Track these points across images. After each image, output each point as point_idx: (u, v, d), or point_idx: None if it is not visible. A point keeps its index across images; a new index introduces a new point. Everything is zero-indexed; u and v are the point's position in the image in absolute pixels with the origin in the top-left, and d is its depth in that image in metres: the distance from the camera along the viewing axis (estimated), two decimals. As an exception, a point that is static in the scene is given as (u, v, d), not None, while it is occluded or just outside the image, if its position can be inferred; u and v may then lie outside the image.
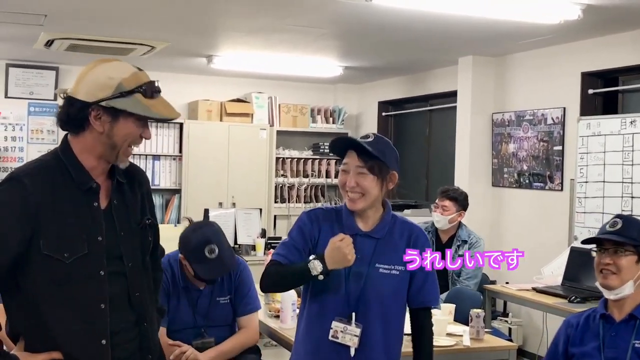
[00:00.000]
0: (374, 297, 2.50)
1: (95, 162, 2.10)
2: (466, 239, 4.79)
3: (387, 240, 2.55)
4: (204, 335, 3.45)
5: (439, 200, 4.85)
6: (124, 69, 2.08)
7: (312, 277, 2.41)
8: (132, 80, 2.05)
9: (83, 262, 2.04)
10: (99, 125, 2.05)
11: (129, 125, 2.07)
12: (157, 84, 2.12)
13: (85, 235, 2.05)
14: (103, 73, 2.05)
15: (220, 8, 4.79)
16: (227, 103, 7.91)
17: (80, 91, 2.05)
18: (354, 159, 2.49)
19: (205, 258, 3.29)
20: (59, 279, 2.02)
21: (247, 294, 3.56)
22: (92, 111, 2.04)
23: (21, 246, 1.99)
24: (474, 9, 4.47)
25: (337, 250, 2.41)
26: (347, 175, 2.50)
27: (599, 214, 5.13)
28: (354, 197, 2.50)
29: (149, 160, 7.63)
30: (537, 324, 5.78)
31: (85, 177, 2.08)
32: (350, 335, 2.48)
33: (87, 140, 2.08)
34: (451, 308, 3.91)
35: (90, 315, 2.05)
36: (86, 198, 2.08)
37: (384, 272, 2.52)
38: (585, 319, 2.75)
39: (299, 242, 2.55)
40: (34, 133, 7.43)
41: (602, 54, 5.44)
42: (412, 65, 7.15)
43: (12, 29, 5.61)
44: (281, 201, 8.12)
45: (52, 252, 2.01)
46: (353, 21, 5.08)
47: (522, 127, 6.16)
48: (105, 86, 2.03)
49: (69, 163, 2.08)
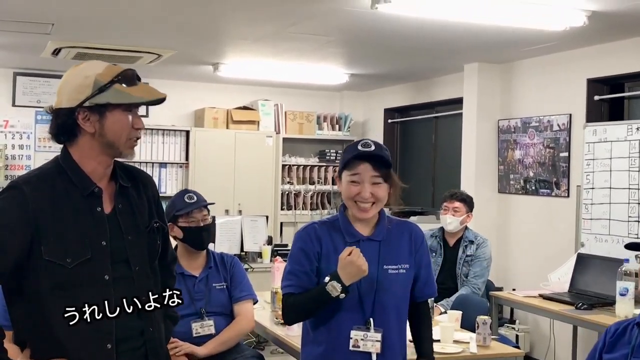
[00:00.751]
0: (389, 299, 2.53)
1: (95, 165, 2.11)
2: (473, 240, 4.93)
3: (389, 241, 2.58)
4: (204, 317, 3.54)
5: (449, 203, 4.98)
6: (97, 65, 2.10)
7: (334, 298, 2.43)
8: (107, 73, 2.07)
9: (86, 266, 2.04)
10: (89, 126, 2.07)
11: (117, 118, 2.08)
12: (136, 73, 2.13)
13: (88, 239, 2.06)
14: (78, 75, 2.08)
15: (226, 16, 4.81)
16: (234, 110, 7.93)
17: (63, 100, 2.08)
18: (368, 170, 2.49)
19: (186, 204, 3.56)
20: (63, 284, 2.03)
21: (242, 282, 3.72)
22: (79, 115, 2.06)
23: (20, 253, 2.01)
24: (479, 16, 4.48)
25: (350, 265, 2.43)
26: (359, 185, 2.49)
27: (605, 220, 5.12)
28: (366, 207, 2.51)
29: (155, 168, 7.66)
30: (544, 331, 5.77)
31: (86, 181, 2.09)
32: (371, 341, 2.48)
33: (83, 145, 2.10)
34: (458, 315, 3.91)
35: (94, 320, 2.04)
36: (88, 203, 2.09)
37: (393, 272, 2.55)
38: (624, 327, 2.74)
39: (305, 265, 2.54)
40: (41, 141, 7.47)
41: (608, 60, 5.44)
42: (418, 72, 7.16)
43: (20, 37, 5.64)
44: (287, 208, 8.12)
45: (54, 257, 2.02)
46: (359, 28, 5.10)
47: (528, 134, 6.16)
48: (83, 86, 2.05)
49: (69, 169, 2.09)
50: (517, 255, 6.30)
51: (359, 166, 2.50)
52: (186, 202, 3.58)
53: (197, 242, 3.61)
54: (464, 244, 4.92)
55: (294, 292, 2.54)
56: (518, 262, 6.27)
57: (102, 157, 2.11)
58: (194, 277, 3.61)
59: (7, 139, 7.41)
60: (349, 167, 2.52)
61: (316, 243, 2.56)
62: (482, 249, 4.89)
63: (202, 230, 3.60)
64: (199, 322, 3.53)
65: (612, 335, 2.72)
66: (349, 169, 2.52)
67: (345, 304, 2.49)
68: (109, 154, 2.12)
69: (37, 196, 2.03)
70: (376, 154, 2.49)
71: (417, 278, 2.62)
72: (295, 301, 2.54)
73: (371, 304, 2.51)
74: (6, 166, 7.29)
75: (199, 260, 3.68)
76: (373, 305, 2.51)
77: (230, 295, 3.68)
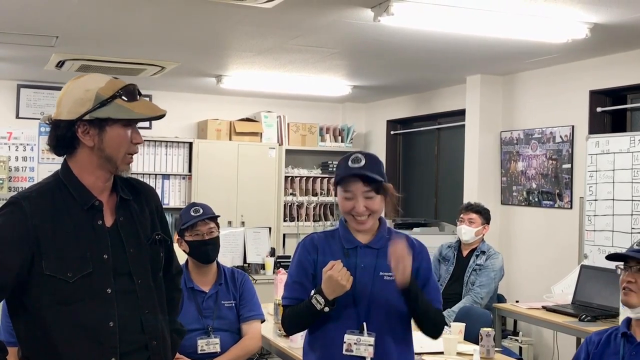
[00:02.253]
0: (382, 304, 2.54)
1: (94, 178, 2.12)
2: (485, 251, 5.05)
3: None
4: (210, 335, 3.51)
5: (464, 215, 5.12)
6: (98, 79, 2.10)
7: (319, 312, 2.48)
8: (108, 87, 2.07)
9: (88, 280, 2.04)
10: (89, 140, 2.07)
11: (116, 133, 2.08)
12: (137, 88, 2.14)
13: (89, 253, 2.05)
14: (79, 88, 2.08)
15: (230, 29, 4.83)
16: (236, 122, 7.95)
17: (63, 112, 2.07)
18: (359, 186, 2.53)
19: (191, 217, 3.55)
20: (65, 299, 2.02)
21: (251, 301, 3.68)
22: (79, 128, 2.06)
23: (21, 268, 2.00)
24: (481, 29, 4.50)
25: (329, 280, 2.47)
26: (352, 201, 2.55)
27: (608, 232, 5.11)
28: (362, 220, 2.56)
29: (158, 180, 7.67)
30: (547, 343, 5.75)
31: (86, 195, 2.09)
32: (364, 345, 2.50)
33: (82, 158, 2.10)
34: (461, 327, 3.90)
35: (98, 334, 2.04)
36: (89, 216, 2.09)
37: (388, 279, 2.55)
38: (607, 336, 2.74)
39: (301, 277, 2.61)
40: (45, 153, 7.48)
41: (610, 72, 5.45)
42: (420, 84, 7.18)
43: (24, 50, 5.67)
44: (290, 220, 8.12)
45: (55, 272, 2.01)
46: (362, 41, 5.12)
47: (531, 145, 6.16)
48: (84, 100, 2.05)
49: (69, 183, 2.09)
50: (520, 267, 6.29)
51: (349, 183, 2.55)
52: (191, 215, 3.55)
53: (202, 256, 3.56)
54: (476, 253, 5.04)
55: (288, 304, 2.61)
56: (521, 274, 6.26)
57: (100, 171, 2.12)
58: (204, 292, 3.57)
59: (10, 150, 7.43)
60: (341, 184, 2.57)
61: (313, 252, 2.61)
62: (492, 260, 4.98)
63: (207, 244, 3.54)
64: (205, 340, 3.49)
65: (596, 346, 2.71)
66: (342, 186, 2.57)
67: (340, 309, 2.52)
68: (107, 169, 2.12)
69: (37, 211, 2.03)
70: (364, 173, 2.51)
71: None
72: (290, 312, 2.61)
73: (365, 309, 2.53)
74: (10, 178, 7.30)
75: (209, 275, 3.63)
76: (367, 310, 2.53)
77: (239, 313, 3.63)
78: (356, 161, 2.54)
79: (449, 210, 7.20)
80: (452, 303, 4.78)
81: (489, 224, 5.14)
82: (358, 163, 2.53)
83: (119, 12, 4.45)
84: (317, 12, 4.32)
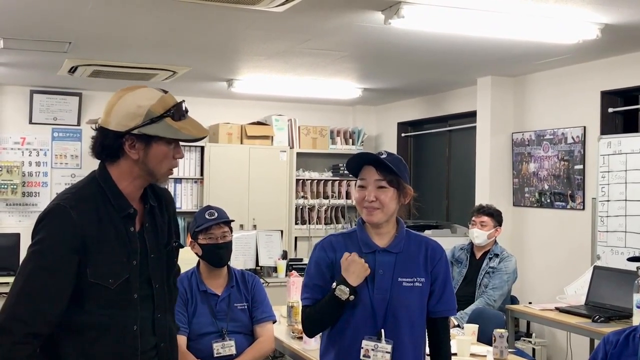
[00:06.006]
0: (401, 312, 2.54)
1: (132, 187, 2.16)
2: (498, 253, 5.04)
3: (406, 254, 2.59)
4: (225, 337, 3.53)
5: (476, 217, 5.12)
6: (150, 95, 2.13)
7: (344, 302, 2.48)
8: (159, 105, 2.10)
9: (124, 286, 2.10)
10: (134, 153, 2.11)
11: (161, 149, 2.12)
12: (184, 105, 2.18)
13: (125, 259, 2.11)
14: (132, 102, 2.10)
15: (241, 33, 4.86)
16: (248, 126, 7.98)
17: (112, 122, 2.10)
18: (372, 174, 2.55)
19: (206, 220, 3.56)
20: (104, 304, 2.08)
21: (263, 302, 3.70)
22: (126, 140, 2.10)
23: (75, 277, 2.05)
24: (492, 30, 4.50)
25: (353, 264, 2.49)
26: (364, 190, 2.55)
27: (621, 233, 5.10)
28: (371, 210, 2.55)
29: (170, 183, 7.70)
30: (561, 344, 5.74)
31: (124, 203, 2.14)
32: (382, 352, 2.50)
33: (123, 168, 2.14)
34: (474, 329, 3.90)
35: (125, 337, 2.11)
36: (124, 223, 2.13)
37: (407, 285, 2.55)
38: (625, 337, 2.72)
39: (319, 279, 2.60)
40: (58, 158, 7.54)
41: (621, 72, 5.44)
42: (431, 86, 7.18)
43: (37, 56, 5.72)
44: (302, 223, 8.14)
45: (99, 279, 2.06)
46: (372, 44, 5.13)
47: (543, 147, 6.15)
48: (135, 115, 2.08)
49: (109, 190, 2.13)
50: (532, 269, 6.28)
51: (364, 170, 2.57)
52: (206, 219, 3.57)
53: (214, 260, 3.57)
54: (489, 256, 5.03)
55: (309, 304, 2.60)
56: (534, 275, 6.25)
57: (138, 180, 2.16)
58: (217, 295, 3.59)
59: (24, 156, 7.49)
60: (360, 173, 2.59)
61: (331, 253, 2.60)
62: (506, 263, 4.97)
63: (220, 247, 3.56)
64: (220, 343, 3.51)
65: (614, 346, 2.70)
66: (359, 176, 2.59)
67: (358, 314, 2.53)
68: (146, 179, 2.17)
69: (84, 220, 2.06)
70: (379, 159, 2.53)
71: (431, 293, 2.62)
72: (310, 312, 2.60)
73: (383, 315, 2.53)
74: (23, 183, 7.36)
75: (221, 278, 3.64)
76: (385, 316, 2.53)
77: (252, 315, 3.66)
78: (379, 154, 2.57)
79: (460, 212, 7.20)
80: (465, 305, 4.78)
81: (501, 226, 5.13)
82: (380, 155, 2.56)
83: (131, 18, 4.49)
84: (327, 15, 4.34)
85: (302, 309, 2.65)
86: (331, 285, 2.54)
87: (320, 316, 2.58)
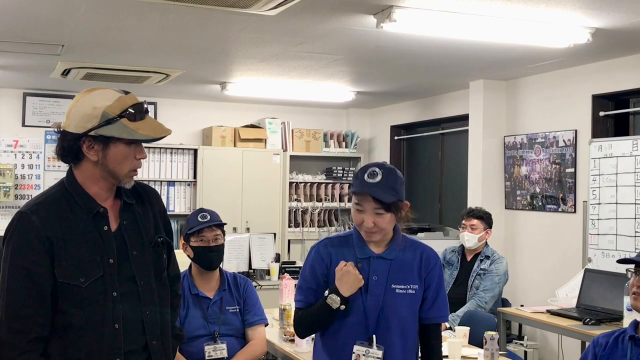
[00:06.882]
0: (393, 318, 2.55)
1: (97, 188, 2.18)
2: (489, 255, 5.06)
3: (400, 260, 2.60)
4: (217, 340, 3.54)
5: (466, 221, 5.14)
6: (108, 96, 2.14)
7: (335, 311, 2.49)
8: (116, 106, 2.12)
9: (98, 284, 2.11)
10: (93, 155, 2.13)
11: (120, 150, 2.13)
12: (145, 105, 2.18)
13: (99, 257, 2.12)
14: (88, 104, 2.12)
15: (234, 37, 4.87)
16: (241, 129, 7.98)
17: (71, 124, 2.13)
18: (370, 202, 2.49)
19: (198, 223, 3.57)
20: (78, 303, 2.10)
21: (255, 305, 3.71)
22: (84, 142, 2.12)
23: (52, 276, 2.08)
24: (483, 34, 4.52)
25: (347, 275, 2.49)
26: (362, 214, 2.52)
27: (612, 236, 5.13)
28: (370, 234, 2.55)
29: (163, 186, 7.71)
30: (552, 347, 5.76)
31: (91, 203, 2.16)
32: (373, 358, 2.51)
33: (86, 170, 2.16)
34: (466, 331, 3.92)
35: (105, 336, 2.12)
36: (95, 222, 2.15)
37: (400, 292, 2.56)
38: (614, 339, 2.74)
39: (313, 282, 2.61)
40: (51, 161, 7.53)
41: (613, 76, 5.47)
42: (424, 89, 7.21)
43: (30, 59, 5.72)
44: (295, 226, 8.14)
45: (67, 279, 2.09)
46: (364, 47, 5.15)
47: (534, 150, 6.18)
48: (91, 116, 2.10)
49: (74, 192, 2.16)
50: (524, 272, 6.30)
51: (361, 197, 2.51)
52: (198, 221, 3.57)
53: (205, 263, 3.58)
54: (480, 258, 5.06)
55: (302, 307, 2.61)
56: (525, 278, 6.27)
57: (103, 182, 2.18)
58: (208, 299, 3.60)
59: (17, 158, 7.48)
60: (355, 195, 2.54)
61: (326, 257, 2.61)
62: (497, 264, 4.99)
63: (211, 250, 3.56)
64: (212, 345, 3.52)
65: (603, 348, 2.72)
66: (355, 196, 2.55)
67: (351, 319, 2.54)
68: (110, 181, 2.18)
69: (47, 223, 2.09)
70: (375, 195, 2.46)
71: (424, 299, 2.63)
72: (302, 315, 2.62)
73: (375, 321, 2.54)
74: (16, 186, 7.35)
75: (213, 281, 3.65)
76: (377, 322, 2.54)
77: (243, 318, 3.67)
78: (372, 176, 2.49)
79: (453, 215, 7.22)
80: (456, 307, 4.79)
81: (491, 228, 5.15)
82: (373, 178, 2.48)
83: (124, 21, 4.49)
84: (320, 19, 4.36)
85: (294, 311, 2.66)
86: (325, 289, 2.55)
87: (311, 320, 2.60)
